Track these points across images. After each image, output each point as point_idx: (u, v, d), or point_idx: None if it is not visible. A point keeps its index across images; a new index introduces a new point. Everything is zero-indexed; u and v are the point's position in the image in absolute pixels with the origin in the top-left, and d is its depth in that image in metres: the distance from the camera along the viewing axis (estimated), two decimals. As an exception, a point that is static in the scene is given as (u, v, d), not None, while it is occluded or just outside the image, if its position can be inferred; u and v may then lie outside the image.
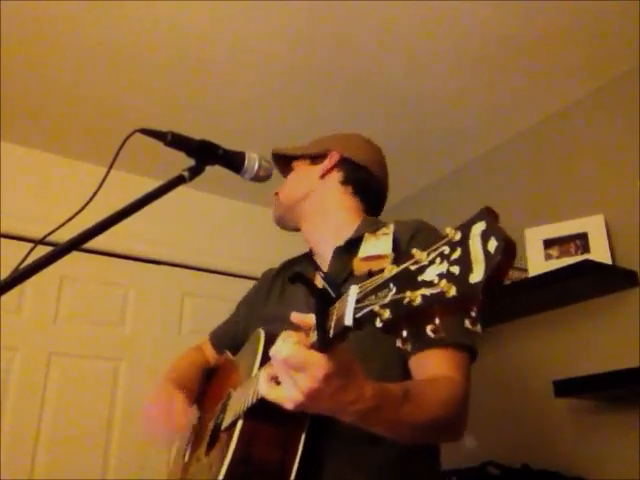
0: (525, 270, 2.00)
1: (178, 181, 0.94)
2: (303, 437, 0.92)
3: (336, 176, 1.27)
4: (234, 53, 2.00)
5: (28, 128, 2.41)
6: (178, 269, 2.77)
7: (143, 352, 2.55)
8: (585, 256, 1.86)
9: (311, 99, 2.23)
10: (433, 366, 0.97)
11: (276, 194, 1.35)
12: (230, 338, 1.38)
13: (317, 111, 2.27)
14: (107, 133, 2.39)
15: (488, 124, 2.35)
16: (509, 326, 2.16)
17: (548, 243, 2.00)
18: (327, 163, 1.28)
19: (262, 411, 0.90)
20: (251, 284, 1.43)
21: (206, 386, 1.37)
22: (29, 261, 0.80)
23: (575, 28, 1.85)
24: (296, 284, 0.72)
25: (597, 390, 1.68)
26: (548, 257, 1.98)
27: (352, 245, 1.11)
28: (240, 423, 0.93)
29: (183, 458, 1.28)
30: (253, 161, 1.03)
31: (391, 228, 1.06)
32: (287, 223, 1.34)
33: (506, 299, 1.98)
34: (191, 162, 0.98)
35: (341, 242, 1.16)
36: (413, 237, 1.07)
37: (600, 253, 1.87)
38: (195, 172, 0.97)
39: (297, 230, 1.34)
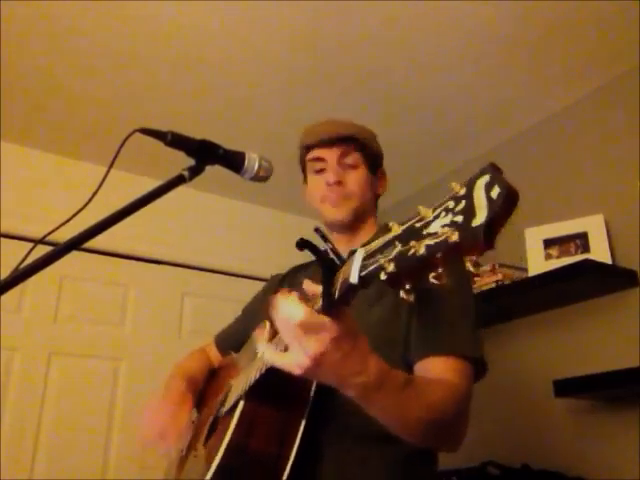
0: (525, 270, 2.00)
1: (178, 181, 0.94)
2: (303, 423, 0.92)
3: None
4: (234, 53, 2.00)
5: (28, 128, 2.41)
6: (178, 269, 2.77)
7: (143, 352, 2.55)
8: (585, 256, 1.86)
9: (311, 99, 2.23)
10: (437, 371, 0.97)
11: (339, 183, 1.19)
12: (235, 341, 1.38)
13: (317, 111, 2.27)
14: (107, 133, 2.39)
15: (488, 124, 2.35)
16: (509, 326, 2.16)
17: (548, 243, 2.00)
18: (383, 184, 1.30)
19: (264, 392, 0.91)
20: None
21: (206, 386, 1.37)
22: (29, 261, 0.80)
23: (575, 28, 1.85)
24: (304, 250, 0.72)
25: (597, 390, 1.68)
26: (548, 257, 1.98)
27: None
28: (241, 404, 0.93)
29: (181, 453, 1.28)
30: (253, 161, 1.03)
31: None
32: (343, 228, 1.23)
33: (506, 299, 1.98)
34: (191, 162, 0.98)
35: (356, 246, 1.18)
36: None
37: (600, 253, 1.87)
38: (195, 172, 0.97)
39: (337, 227, 1.25)
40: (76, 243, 0.83)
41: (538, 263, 1.97)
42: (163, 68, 2.07)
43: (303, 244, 0.71)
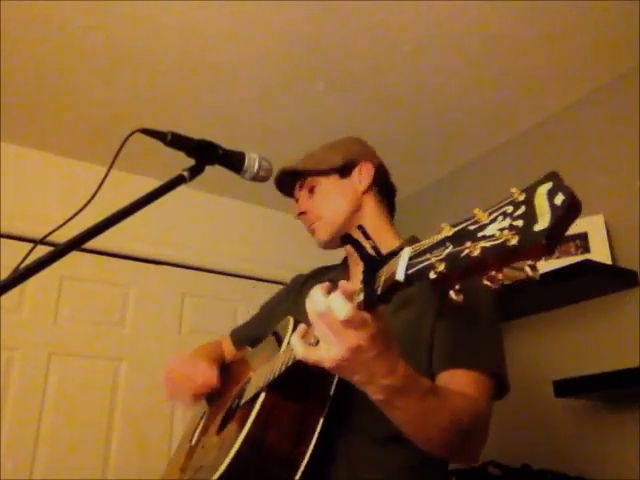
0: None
1: (178, 181, 0.94)
2: (321, 422, 0.92)
3: (374, 187, 1.25)
4: (234, 53, 2.00)
5: (28, 128, 2.41)
6: (178, 269, 2.77)
7: (143, 352, 2.55)
8: (585, 256, 1.86)
9: (311, 100, 2.23)
10: (459, 384, 0.96)
11: (303, 214, 1.26)
12: (251, 337, 1.38)
13: (317, 111, 2.27)
14: (107, 133, 2.39)
15: (488, 124, 2.35)
16: (509, 326, 2.16)
17: (548, 243, 1.99)
18: (364, 176, 1.23)
19: (285, 387, 0.91)
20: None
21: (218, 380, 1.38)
22: (29, 261, 0.80)
23: (575, 28, 1.85)
24: (347, 245, 0.72)
25: (597, 390, 1.68)
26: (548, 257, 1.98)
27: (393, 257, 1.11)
28: (262, 396, 0.93)
29: (190, 442, 1.28)
30: (253, 161, 1.03)
31: None
32: (335, 243, 1.24)
33: (506, 299, 1.98)
34: (191, 162, 0.98)
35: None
36: None
37: (600, 253, 1.87)
38: (195, 172, 0.97)
39: (334, 246, 1.26)
40: (76, 243, 0.83)
41: (538, 263, 1.97)
42: (163, 68, 2.07)
43: (346, 239, 0.71)
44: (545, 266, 1.93)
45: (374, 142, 1.35)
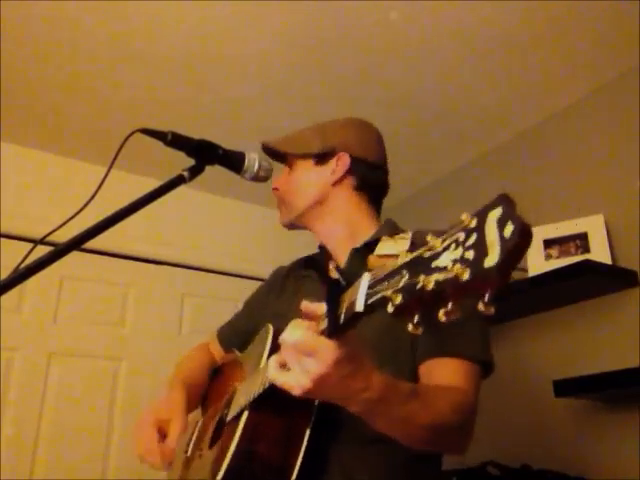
0: (525, 270, 2.00)
1: (178, 181, 0.95)
2: (308, 432, 0.91)
3: (349, 181, 1.21)
4: (234, 53, 2.00)
5: (28, 128, 2.41)
6: (178, 269, 2.77)
7: (143, 352, 2.55)
8: (585, 256, 1.86)
9: (310, 99, 2.23)
10: (443, 375, 0.96)
11: (275, 189, 1.28)
12: (238, 335, 1.37)
13: (316, 110, 2.27)
14: (107, 133, 2.39)
15: (488, 124, 2.35)
16: (509, 326, 2.16)
17: (548, 243, 2.00)
18: (338, 168, 1.19)
19: (268, 403, 0.90)
20: (250, 284, 1.43)
21: (210, 383, 1.37)
22: (29, 261, 0.80)
23: (575, 28, 1.85)
24: (309, 281, 0.72)
25: (597, 390, 1.68)
26: (548, 257, 1.98)
27: (369, 247, 1.10)
28: (245, 415, 0.93)
29: (185, 453, 1.28)
30: (253, 161, 1.04)
31: (409, 235, 1.06)
32: (297, 227, 1.27)
33: (506, 299, 1.98)
34: (191, 162, 0.98)
35: (358, 244, 1.14)
36: None
37: (600, 253, 1.87)
38: (195, 172, 0.97)
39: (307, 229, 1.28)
40: (76, 243, 0.83)
41: (538, 263, 1.97)
42: (163, 68, 2.07)
43: (309, 264, 0.71)
44: (545, 266, 1.93)
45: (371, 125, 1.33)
